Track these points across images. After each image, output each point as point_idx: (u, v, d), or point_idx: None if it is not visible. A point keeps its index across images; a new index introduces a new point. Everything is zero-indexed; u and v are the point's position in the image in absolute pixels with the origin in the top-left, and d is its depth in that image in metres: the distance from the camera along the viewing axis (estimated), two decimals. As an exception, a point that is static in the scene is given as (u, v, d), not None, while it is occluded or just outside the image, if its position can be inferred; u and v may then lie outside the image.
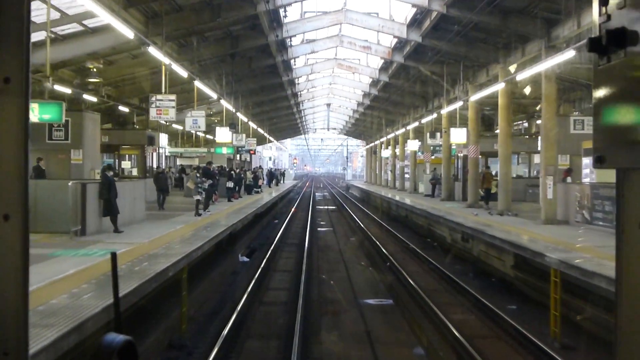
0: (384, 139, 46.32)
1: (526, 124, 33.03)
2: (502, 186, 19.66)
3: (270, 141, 54.36)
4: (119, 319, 1.60)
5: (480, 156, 26.86)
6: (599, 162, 1.07)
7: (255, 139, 35.43)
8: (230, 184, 25.71)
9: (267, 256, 17.73)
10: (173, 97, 15.33)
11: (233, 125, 21.93)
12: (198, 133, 39.74)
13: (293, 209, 36.98)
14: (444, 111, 25.26)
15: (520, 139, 29.11)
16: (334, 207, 41.59)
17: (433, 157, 32.64)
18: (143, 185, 16.86)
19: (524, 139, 29.64)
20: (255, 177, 34.70)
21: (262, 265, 15.90)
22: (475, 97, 20.88)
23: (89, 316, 5.87)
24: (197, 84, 18.09)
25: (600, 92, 1.06)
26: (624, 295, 1.03)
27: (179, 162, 42.62)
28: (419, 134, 36.60)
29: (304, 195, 53.63)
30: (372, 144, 55.07)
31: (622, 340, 1.04)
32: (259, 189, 36.07)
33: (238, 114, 26.61)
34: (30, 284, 1.08)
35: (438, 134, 29.12)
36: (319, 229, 28.23)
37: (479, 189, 22.29)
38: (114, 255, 1.60)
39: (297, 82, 31.48)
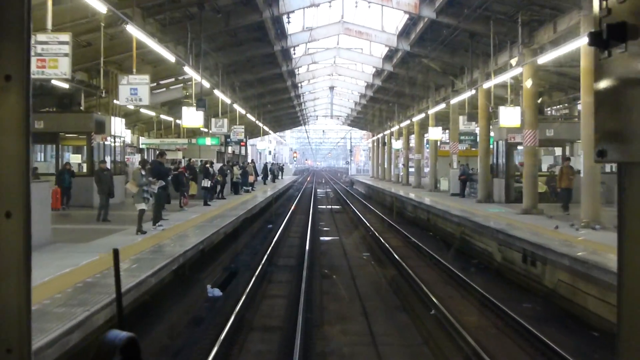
0: (395, 128, 40.20)
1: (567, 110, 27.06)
2: (588, 187, 13.61)
3: (266, 132, 48.14)
4: (121, 315, 1.52)
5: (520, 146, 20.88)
6: (600, 156, 1.06)
7: (243, 127, 29.35)
8: (206, 183, 19.72)
9: (246, 292, 11.72)
10: (66, 37, 9.13)
11: (202, 102, 15.91)
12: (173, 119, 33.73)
13: (292, 209, 31.01)
14: (490, 84, 19.10)
15: (573, 124, 22.99)
16: (338, 207, 35.52)
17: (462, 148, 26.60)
18: (46, 188, 10.83)
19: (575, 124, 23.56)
20: (244, 173, 28.69)
21: (232, 317, 9.89)
22: (544, 58, 14.76)
23: None
24: (133, 31, 11.98)
25: (601, 86, 1.06)
26: (626, 290, 1.03)
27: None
28: (440, 120, 30.57)
29: (304, 192, 47.53)
30: (381, 135, 48.96)
31: (624, 336, 1.03)
32: (250, 188, 30.07)
33: (218, 92, 20.51)
34: None
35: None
36: (321, 238, 22.28)
37: (556, 188, 16.30)
38: (116, 252, 1.51)
39: (293, 53, 25.29)
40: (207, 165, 20.26)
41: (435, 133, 28.93)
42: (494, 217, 17.26)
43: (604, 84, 1.05)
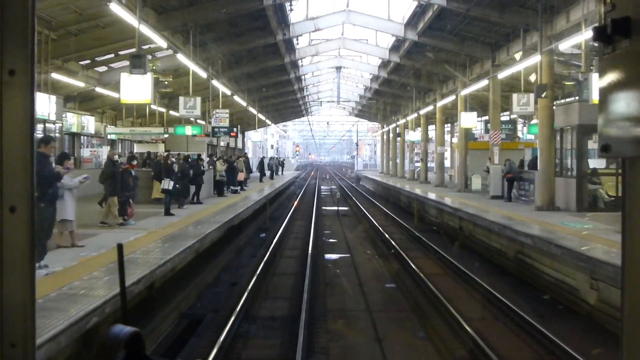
0: (412, 116, 34.52)
1: None
2: None
3: (263, 123, 42.38)
4: (125, 310, 1.44)
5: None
6: (604, 151, 1.07)
7: (227, 111, 23.70)
8: (167, 184, 14.17)
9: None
10: None
11: (140, 60, 10.09)
12: (159, 108, 28.11)
13: (290, 213, 25.61)
14: (578, 39, 13.32)
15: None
16: (345, 209, 29.96)
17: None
18: None
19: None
20: (230, 169, 23.11)
21: None
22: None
23: None
24: None
25: (606, 81, 1.06)
26: (630, 285, 1.03)
27: (136, 149, 31.15)
28: (472, 103, 24.95)
29: (307, 191, 41.95)
30: (394, 125, 43.27)
31: (628, 332, 1.03)
32: (239, 188, 24.50)
33: (183, 58, 14.86)
34: None
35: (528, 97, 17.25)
36: (327, 255, 16.81)
37: None
38: (120, 247, 1.44)
39: (290, 8, 19.51)
40: (171, 160, 14.61)
41: (468, 120, 23.26)
42: (590, 239, 11.70)
43: (607, 79, 1.05)
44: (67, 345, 5.11)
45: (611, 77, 1.04)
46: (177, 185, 14.69)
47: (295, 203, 27.10)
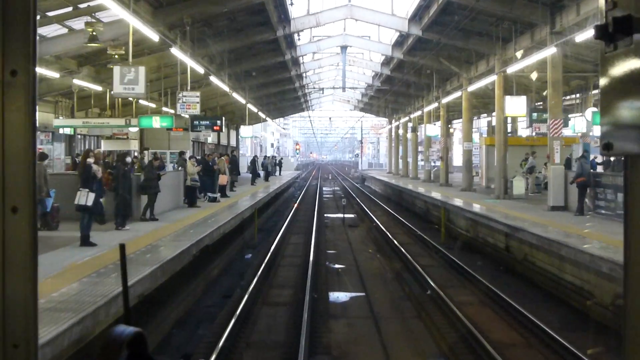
0: (429, 108, 29.23)
1: None
2: None
3: (257, 117, 37.11)
4: (127, 310, 1.43)
5: None
6: (606, 149, 1.05)
7: (197, 94, 18.14)
8: (83, 198, 8.95)
9: None
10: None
11: None
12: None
13: (285, 226, 20.62)
14: None
15: None
16: (352, 216, 24.89)
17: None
18: None
19: None
20: (206, 171, 17.86)
21: None
22: None
23: None
24: None
25: (607, 79, 1.05)
26: (632, 282, 1.02)
27: (103, 146, 25.97)
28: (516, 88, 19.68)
29: (307, 195, 36.68)
30: (406, 119, 37.98)
31: (630, 329, 1.02)
32: (219, 195, 19.26)
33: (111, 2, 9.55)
34: None
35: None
36: (332, 295, 11.85)
37: None
38: (122, 247, 1.43)
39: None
40: (89, 161, 9.30)
41: (514, 106, 17.90)
42: None
43: (609, 77, 1.04)
44: None
45: (613, 75, 1.03)
46: (101, 199, 9.49)
47: (286, 222, 22.02)
